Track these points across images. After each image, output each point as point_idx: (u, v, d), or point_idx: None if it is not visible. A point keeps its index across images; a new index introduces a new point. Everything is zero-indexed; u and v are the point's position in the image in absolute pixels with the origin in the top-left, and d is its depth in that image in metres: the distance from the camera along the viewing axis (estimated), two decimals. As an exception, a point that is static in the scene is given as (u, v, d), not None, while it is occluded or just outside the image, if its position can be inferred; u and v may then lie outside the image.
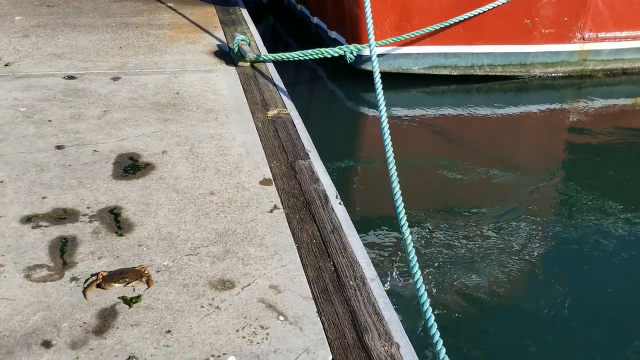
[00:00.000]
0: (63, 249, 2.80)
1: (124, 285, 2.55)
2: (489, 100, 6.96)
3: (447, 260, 3.99)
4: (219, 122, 4.29)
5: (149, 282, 2.59)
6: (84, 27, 6.36)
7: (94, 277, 2.60)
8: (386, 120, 3.74)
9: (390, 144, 3.54)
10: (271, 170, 3.66)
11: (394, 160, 3.42)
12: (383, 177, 3.72)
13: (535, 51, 7.18)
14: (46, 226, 2.97)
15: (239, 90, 4.91)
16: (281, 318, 2.44)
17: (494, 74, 7.20)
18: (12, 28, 6.23)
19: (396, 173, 3.37)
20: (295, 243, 2.96)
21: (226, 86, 4.98)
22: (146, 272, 2.65)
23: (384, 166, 3.58)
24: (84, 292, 2.52)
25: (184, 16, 7.10)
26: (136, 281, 2.58)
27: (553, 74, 7.36)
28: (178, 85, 4.90)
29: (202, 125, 4.21)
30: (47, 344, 2.25)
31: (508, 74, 7.23)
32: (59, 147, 3.76)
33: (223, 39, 6.27)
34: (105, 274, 2.61)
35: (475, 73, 7.15)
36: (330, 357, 2.26)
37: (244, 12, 7.49)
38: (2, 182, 3.33)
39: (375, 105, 6.55)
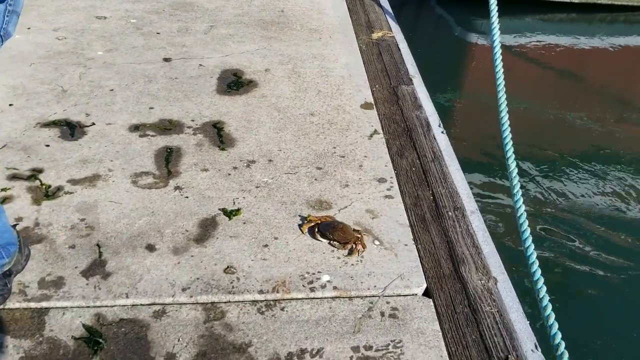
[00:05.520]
0: (168, 159, 2.88)
1: (328, 243, 2.38)
2: (612, 32, 6.41)
3: (553, 201, 3.81)
4: (322, 43, 4.20)
5: (353, 250, 2.34)
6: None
7: (313, 221, 2.46)
8: (500, 51, 3.51)
9: (502, 77, 3.33)
10: (373, 94, 3.56)
11: (505, 95, 3.23)
12: (489, 110, 3.54)
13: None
14: (152, 135, 3.05)
15: (344, 11, 4.77)
16: (376, 242, 2.42)
17: (619, 3, 6.59)
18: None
19: (506, 108, 3.18)
20: (394, 169, 2.89)
21: (331, 6, 4.84)
22: (360, 240, 2.37)
23: (490, 99, 3.40)
24: (300, 226, 2.45)
25: None
26: (342, 245, 2.35)
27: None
28: (283, 3, 4.82)
29: (305, 45, 4.14)
30: (150, 248, 2.35)
31: (636, 3, 6.59)
32: (166, 60, 3.82)
33: (330, -44, 6.06)
34: (325, 219, 2.46)
35: (599, 1, 6.57)
36: (425, 285, 2.22)
37: None
38: (112, 90, 3.44)
39: (485, 34, 6.22)
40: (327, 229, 2.41)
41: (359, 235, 2.39)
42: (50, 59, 3.73)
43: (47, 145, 2.92)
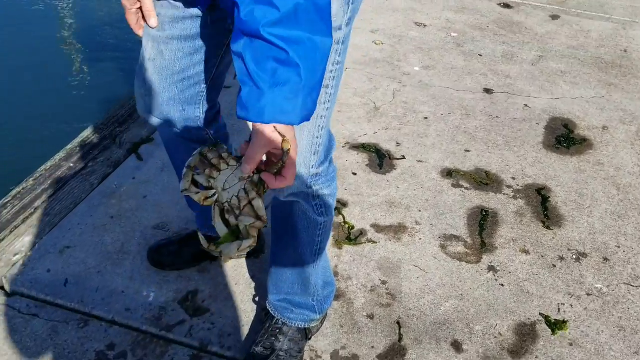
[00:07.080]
0: (482, 224, 2.46)
1: None
2: None
3: None
4: (675, 102, 3.42)
5: None
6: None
7: None
8: None
9: None
10: None
11: None
12: None
13: None
14: (467, 188, 2.65)
15: None
16: None
17: None
18: None
19: None
20: None
21: (688, 53, 3.97)
22: None
23: None
24: None
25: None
26: None
27: None
28: (627, 41, 4.07)
29: (653, 102, 3.41)
30: (457, 346, 1.96)
31: None
32: (487, 91, 3.38)
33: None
34: None
35: None
36: None
37: None
38: (426, 118, 3.11)
39: None
40: None
41: None
42: (365, 67, 3.51)
43: (355, 174, 2.68)
